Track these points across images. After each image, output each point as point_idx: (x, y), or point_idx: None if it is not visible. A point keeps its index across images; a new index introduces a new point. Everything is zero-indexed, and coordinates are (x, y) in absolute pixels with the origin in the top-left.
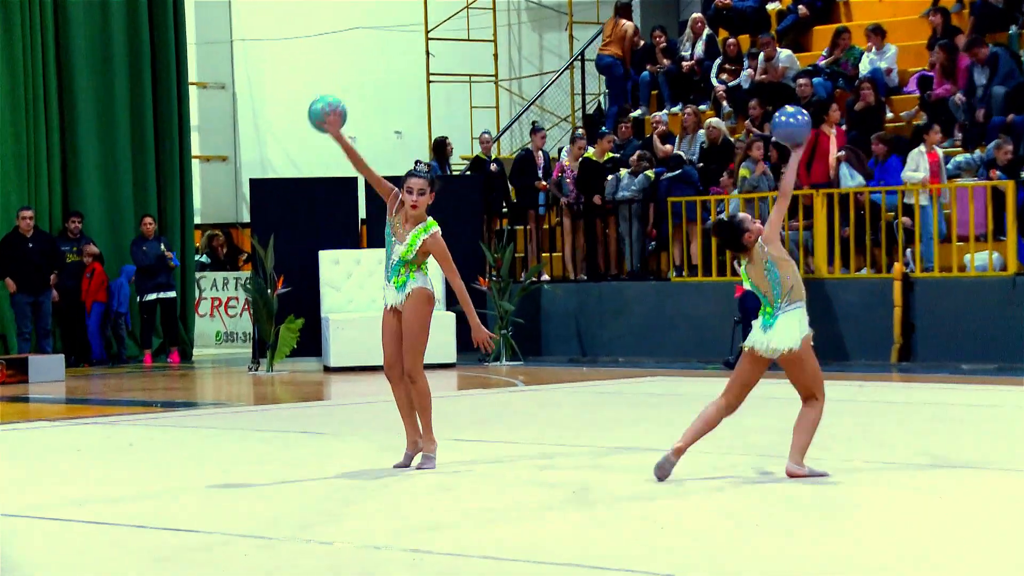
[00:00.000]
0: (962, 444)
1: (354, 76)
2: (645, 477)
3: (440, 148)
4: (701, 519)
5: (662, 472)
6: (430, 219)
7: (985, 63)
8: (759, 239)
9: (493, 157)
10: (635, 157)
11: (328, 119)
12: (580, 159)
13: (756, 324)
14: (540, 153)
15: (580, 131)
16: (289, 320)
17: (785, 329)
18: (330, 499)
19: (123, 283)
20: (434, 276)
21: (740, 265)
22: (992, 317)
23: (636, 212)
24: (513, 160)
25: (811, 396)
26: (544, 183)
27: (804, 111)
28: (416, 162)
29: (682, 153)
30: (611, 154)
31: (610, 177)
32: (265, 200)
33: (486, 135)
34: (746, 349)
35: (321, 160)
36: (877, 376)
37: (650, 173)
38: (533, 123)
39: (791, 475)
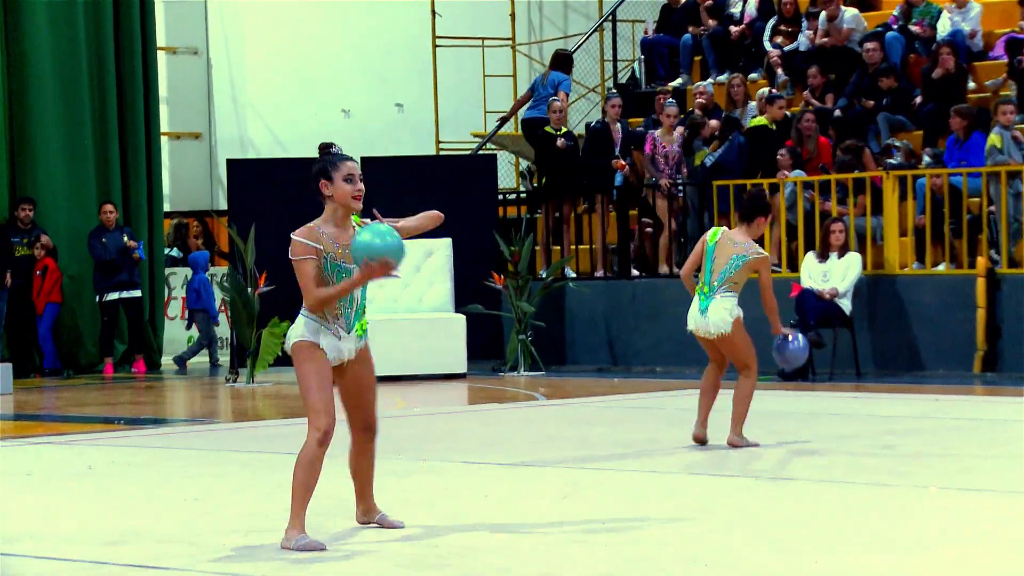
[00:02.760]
0: None
1: (348, 40)
2: (688, 507)
3: (564, 61)
4: (748, 555)
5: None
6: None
7: None
8: (755, 243)
9: (562, 131)
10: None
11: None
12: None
13: (695, 305)
14: (617, 125)
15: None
16: (273, 324)
17: (717, 314)
18: (317, 532)
19: (203, 279)
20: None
21: (711, 235)
22: None
23: (692, 196)
24: (585, 134)
25: (745, 367)
26: (622, 161)
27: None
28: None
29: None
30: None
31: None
32: (245, 184)
33: (557, 102)
34: (689, 330)
35: (309, 138)
36: (957, 389)
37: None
38: (609, 89)
39: (731, 445)
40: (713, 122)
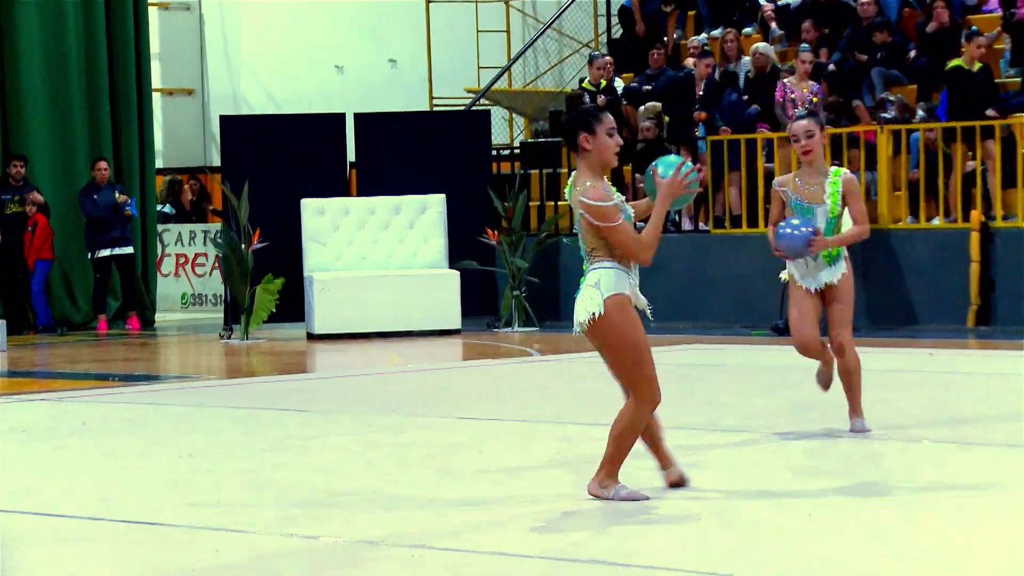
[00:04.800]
0: None
1: None
2: (688, 464)
3: None
4: (752, 516)
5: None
6: None
7: None
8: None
9: (602, 85)
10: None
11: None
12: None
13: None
14: (702, 81)
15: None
16: (267, 280)
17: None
18: (314, 488)
19: None
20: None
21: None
22: None
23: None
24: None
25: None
26: (704, 113)
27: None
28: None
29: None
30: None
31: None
32: (238, 140)
33: (601, 59)
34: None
35: (302, 94)
36: (951, 343)
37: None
38: (700, 46)
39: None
40: None
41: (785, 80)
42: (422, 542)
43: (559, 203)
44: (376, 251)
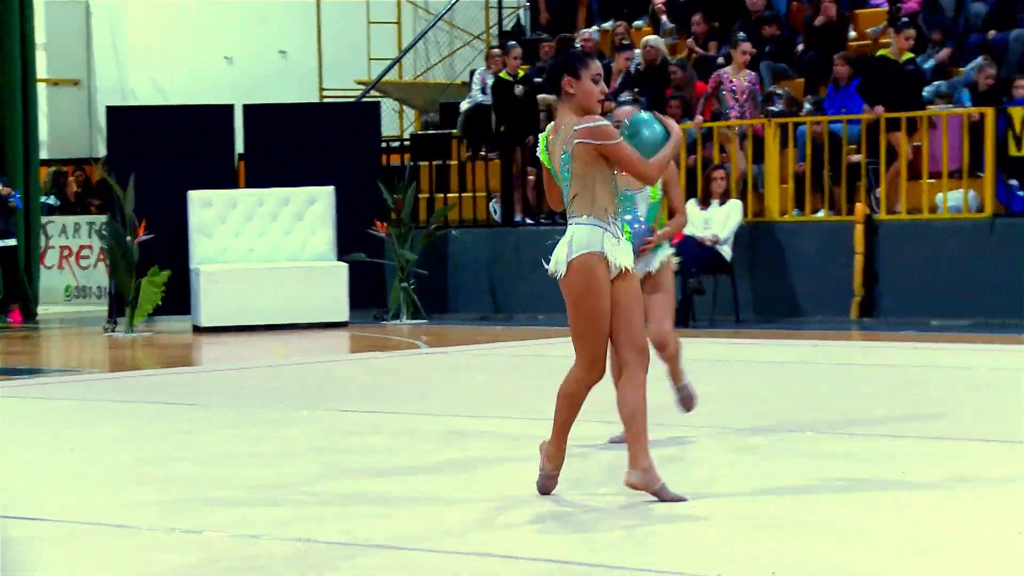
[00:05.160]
0: (930, 412)
1: None
2: (571, 455)
3: None
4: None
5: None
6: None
7: None
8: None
9: (519, 75)
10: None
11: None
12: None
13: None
14: (620, 74)
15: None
16: (152, 272)
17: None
18: (199, 481)
19: None
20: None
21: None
22: (966, 266)
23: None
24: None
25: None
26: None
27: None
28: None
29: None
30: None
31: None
32: (124, 131)
33: (517, 48)
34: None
35: (191, 86)
36: (835, 334)
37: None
38: (619, 41)
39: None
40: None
41: (723, 71)
42: (309, 536)
43: (448, 195)
44: (264, 243)
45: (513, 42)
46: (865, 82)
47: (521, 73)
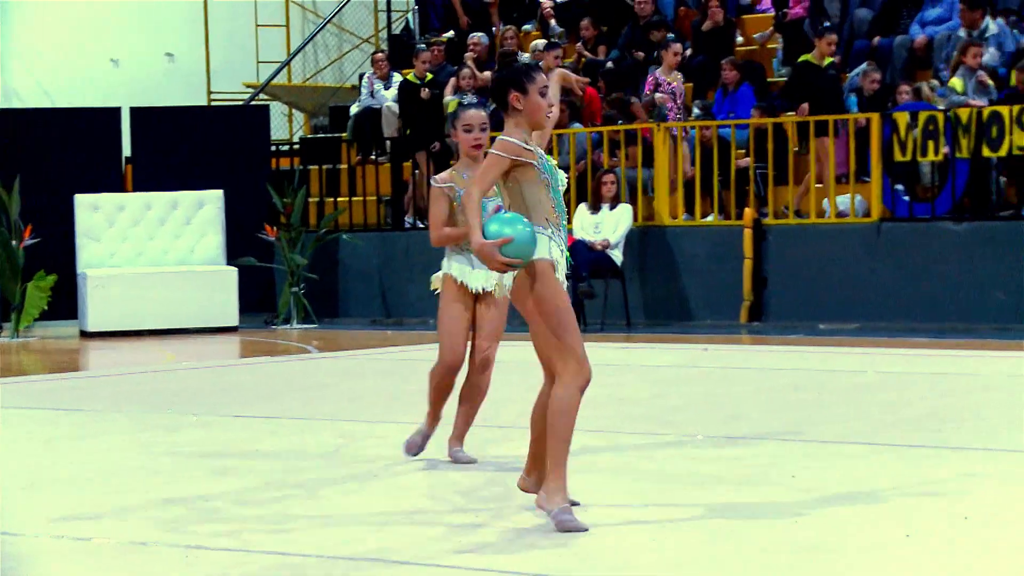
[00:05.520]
0: (819, 416)
1: None
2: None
3: None
4: (524, 498)
5: None
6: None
7: None
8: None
9: (427, 78)
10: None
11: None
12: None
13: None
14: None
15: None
16: (38, 277)
17: None
18: (88, 488)
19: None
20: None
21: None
22: (853, 270)
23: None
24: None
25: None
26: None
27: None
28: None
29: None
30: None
31: None
32: (9, 134)
33: (426, 52)
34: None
35: (77, 88)
36: (724, 338)
37: None
38: (543, 46)
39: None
40: (486, 73)
41: (656, 72)
42: (198, 542)
43: (338, 199)
44: (152, 247)
45: (423, 45)
46: (789, 86)
47: (429, 76)
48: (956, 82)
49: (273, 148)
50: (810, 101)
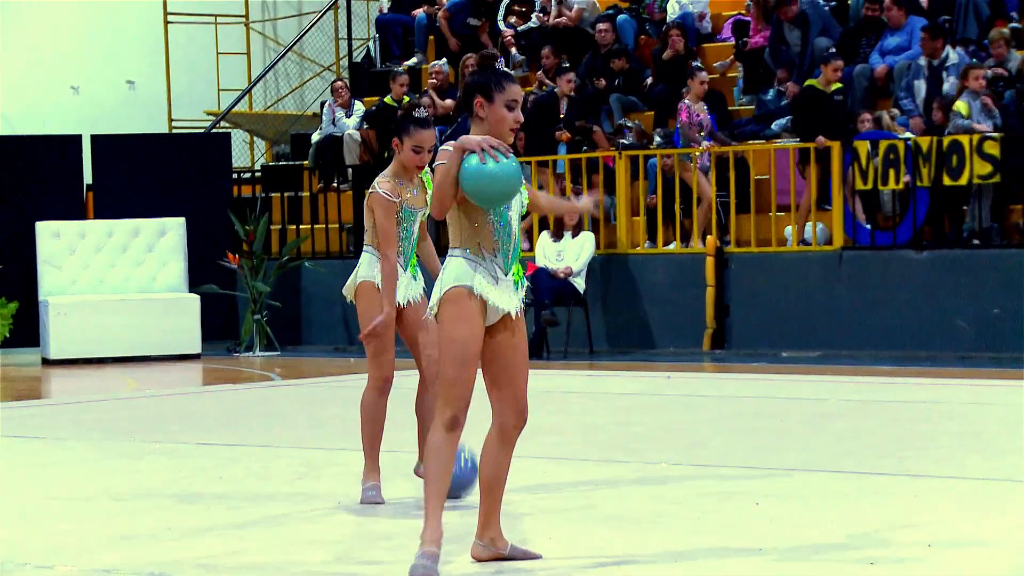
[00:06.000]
0: (781, 443)
1: (78, 14)
2: (418, 484)
3: None
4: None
5: None
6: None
7: (793, 22)
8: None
9: (405, 101)
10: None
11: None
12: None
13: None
14: (566, 99)
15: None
16: (0, 304)
17: None
18: (49, 516)
19: None
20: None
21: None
22: (815, 298)
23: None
24: (530, 105)
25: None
26: (567, 133)
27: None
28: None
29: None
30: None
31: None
32: None
33: (403, 75)
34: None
35: (37, 115)
36: (687, 366)
37: None
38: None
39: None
40: (448, 101)
41: (686, 101)
42: (162, 570)
43: (301, 227)
44: (114, 275)
45: (400, 68)
46: (796, 114)
47: (406, 100)
48: (961, 106)
49: (235, 176)
50: (816, 127)
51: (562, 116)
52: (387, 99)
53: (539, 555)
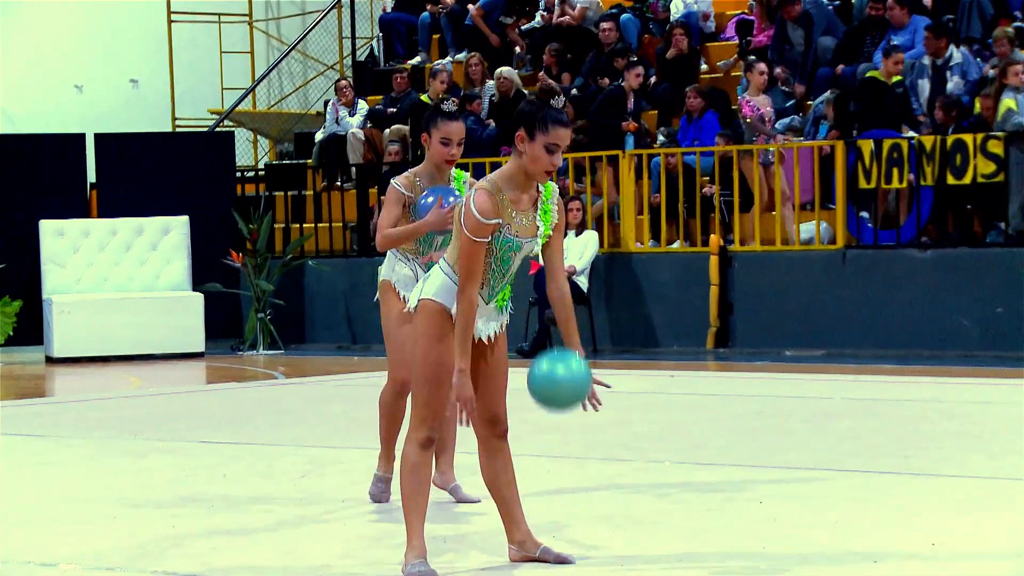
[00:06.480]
0: (785, 442)
1: (81, 12)
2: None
3: None
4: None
5: None
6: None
7: (797, 21)
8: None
9: (441, 99)
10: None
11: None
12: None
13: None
14: (632, 93)
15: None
16: (3, 303)
17: None
18: (53, 514)
19: None
20: None
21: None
22: (819, 297)
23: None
24: (598, 98)
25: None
26: (634, 123)
27: None
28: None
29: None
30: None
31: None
32: None
33: (443, 72)
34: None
35: (41, 114)
36: (690, 365)
37: None
38: (628, 58)
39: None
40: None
41: (747, 95)
42: (164, 568)
43: (304, 225)
44: (118, 273)
45: (439, 64)
46: (858, 105)
47: (442, 97)
48: (1010, 102)
49: (238, 174)
50: (876, 119)
51: (630, 110)
52: (423, 96)
53: (572, 559)
